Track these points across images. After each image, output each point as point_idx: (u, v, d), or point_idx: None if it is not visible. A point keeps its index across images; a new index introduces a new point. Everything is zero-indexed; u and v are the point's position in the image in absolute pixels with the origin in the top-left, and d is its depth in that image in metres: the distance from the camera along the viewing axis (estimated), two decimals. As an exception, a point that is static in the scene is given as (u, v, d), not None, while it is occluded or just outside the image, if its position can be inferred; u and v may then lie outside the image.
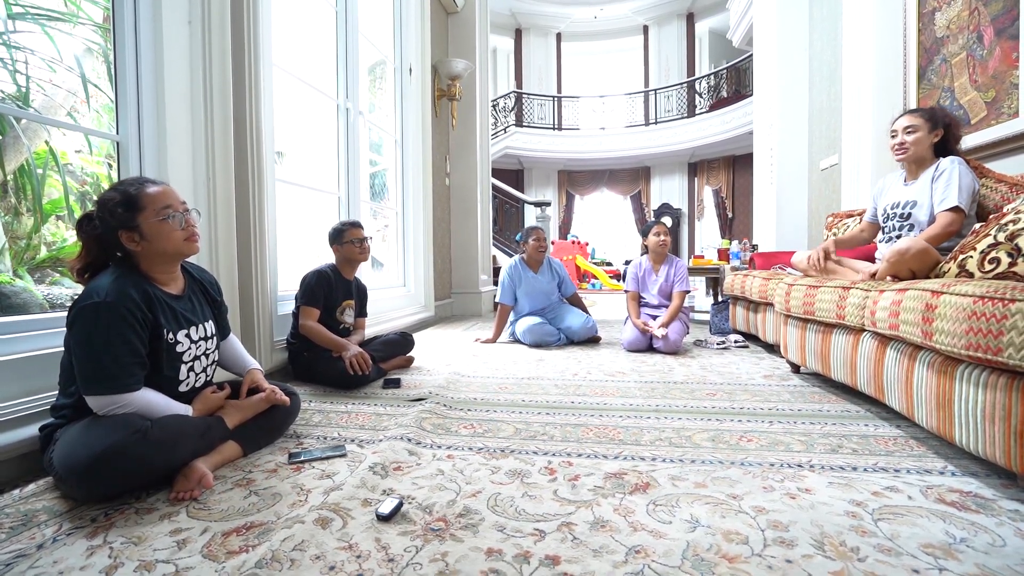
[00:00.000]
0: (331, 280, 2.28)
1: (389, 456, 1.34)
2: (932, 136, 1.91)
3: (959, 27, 2.57)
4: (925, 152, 1.92)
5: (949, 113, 1.95)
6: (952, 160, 1.85)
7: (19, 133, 1.90)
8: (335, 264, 2.38)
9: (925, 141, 1.91)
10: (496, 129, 11.16)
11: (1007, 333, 1.00)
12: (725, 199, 11.34)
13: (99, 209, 1.22)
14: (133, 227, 1.21)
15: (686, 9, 11.69)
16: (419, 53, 4.14)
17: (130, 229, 1.21)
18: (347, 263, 2.38)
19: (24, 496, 1.13)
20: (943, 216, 1.78)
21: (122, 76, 1.71)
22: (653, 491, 1.13)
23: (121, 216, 1.20)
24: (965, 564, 0.84)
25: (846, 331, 1.77)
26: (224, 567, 0.85)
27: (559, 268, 3.46)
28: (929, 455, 1.32)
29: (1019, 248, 1.23)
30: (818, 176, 4.42)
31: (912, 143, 1.92)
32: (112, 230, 1.21)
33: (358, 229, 2.36)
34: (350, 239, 2.33)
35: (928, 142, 1.91)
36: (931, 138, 1.91)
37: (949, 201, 1.78)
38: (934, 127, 1.91)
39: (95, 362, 1.12)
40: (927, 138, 1.91)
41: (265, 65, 2.21)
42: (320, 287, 2.23)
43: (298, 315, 2.22)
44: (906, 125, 1.94)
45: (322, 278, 2.25)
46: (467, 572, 0.84)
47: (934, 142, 1.92)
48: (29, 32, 1.89)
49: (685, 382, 2.19)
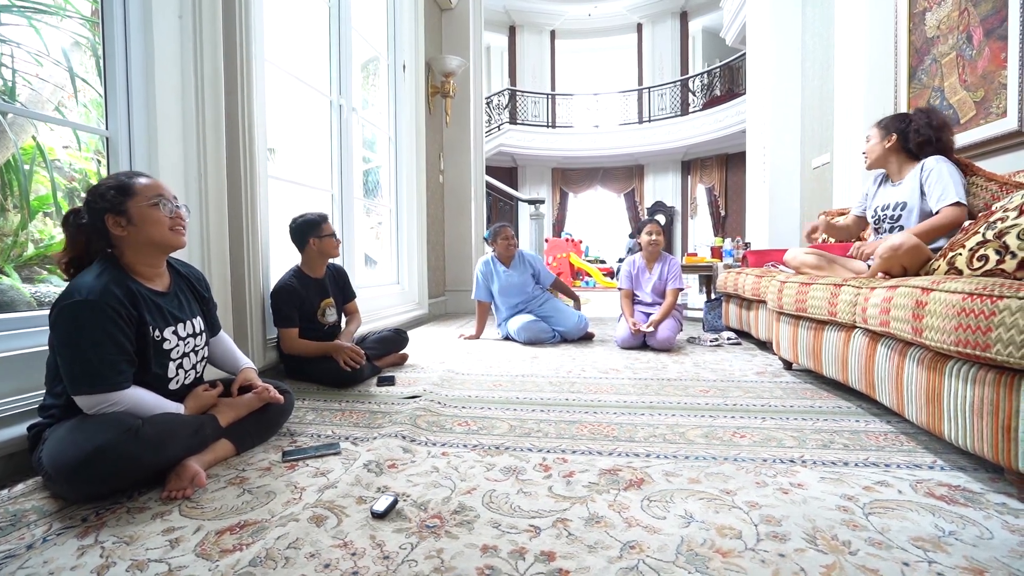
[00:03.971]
0: (298, 291, 2.16)
1: (384, 453, 1.33)
2: (885, 142, 2.01)
3: (949, 27, 2.59)
4: (880, 157, 2.04)
5: (906, 121, 2.00)
6: (937, 159, 1.88)
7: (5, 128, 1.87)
8: (300, 267, 2.24)
9: (877, 148, 2.03)
10: (490, 126, 11.13)
11: (995, 329, 1.02)
12: (718, 197, 11.40)
13: (90, 194, 1.21)
14: (121, 211, 1.20)
15: (680, 7, 11.71)
16: (413, 49, 4.12)
17: (118, 213, 1.20)
18: (320, 258, 2.24)
19: (12, 496, 1.12)
20: (947, 210, 1.79)
21: (111, 71, 1.69)
22: (647, 487, 1.13)
23: (112, 199, 1.20)
24: (954, 556, 0.85)
25: (838, 328, 1.78)
26: (218, 566, 0.85)
27: (532, 260, 3.44)
28: (919, 450, 1.34)
29: (1007, 246, 1.24)
30: (810, 174, 4.45)
31: (867, 151, 2.08)
32: (100, 214, 1.19)
33: (329, 223, 2.26)
34: (329, 232, 2.22)
35: (880, 149, 2.02)
36: (884, 144, 2.01)
37: (948, 198, 1.79)
38: (887, 134, 2.01)
39: (81, 361, 1.11)
40: (879, 145, 2.03)
41: (257, 60, 2.19)
42: (290, 304, 2.13)
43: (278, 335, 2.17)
44: (867, 135, 2.09)
45: (290, 294, 2.13)
46: (463, 569, 0.84)
47: (887, 147, 2.00)
48: (15, 25, 1.85)
49: (679, 379, 2.20)
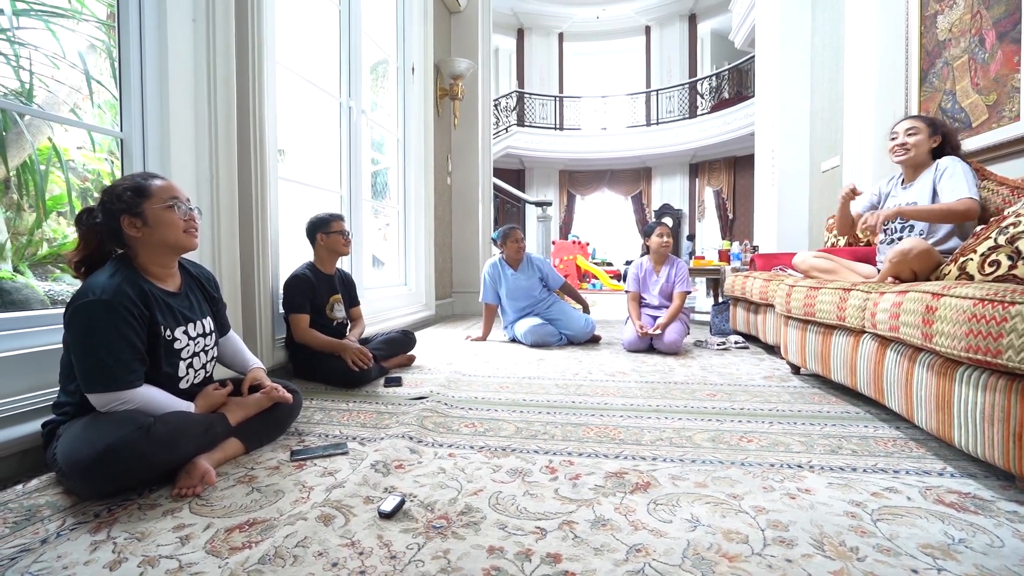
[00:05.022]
0: (312, 281, 2.23)
1: (391, 454, 1.34)
2: (931, 141, 1.95)
3: (961, 31, 2.57)
4: (923, 156, 1.96)
5: (948, 124, 1.98)
6: (952, 159, 1.88)
7: (23, 129, 1.90)
8: (313, 262, 2.32)
9: (924, 145, 1.95)
10: (498, 129, 11.15)
11: (1007, 335, 1.01)
12: (726, 200, 11.34)
13: (106, 194, 1.23)
14: (137, 212, 1.22)
15: (688, 10, 11.69)
16: (422, 52, 4.15)
17: (133, 214, 1.21)
18: (329, 255, 2.33)
19: (27, 491, 1.13)
20: (961, 201, 1.76)
21: (126, 73, 1.72)
22: (654, 490, 1.13)
23: (128, 200, 1.21)
24: (963, 564, 0.85)
25: (846, 332, 1.77)
26: (227, 563, 0.86)
27: (540, 264, 3.43)
28: (928, 456, 1.33)
29: (1019, 251, 1.23)
30: (819, 178, 4.42)
31: (913, 144, 1.95)
32: (115, 215, 1.21)
33: (342, 221, 2.34)
34: (337, 229, 2.30)
35: (927, 146, 1.95)
36: (930, 143, 1.95)
37: (961, 191, 1.77)
38: (934, 132, 1.95)
39: (94, 360, 1.12)
40: (927, 142, 1.95)
41: (269, 63, 2.22)
42: (302, 291, 2.19)
43: (288, 322, 2.21)
44: (908, 127, 1.98)
45: (302, 282, 2.20)
46: (469, 569, 0.84)
47: (932, 147, 1.96)
48: (33, 28, 1.89)
49: (685, 382, 2.19)
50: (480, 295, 3.46)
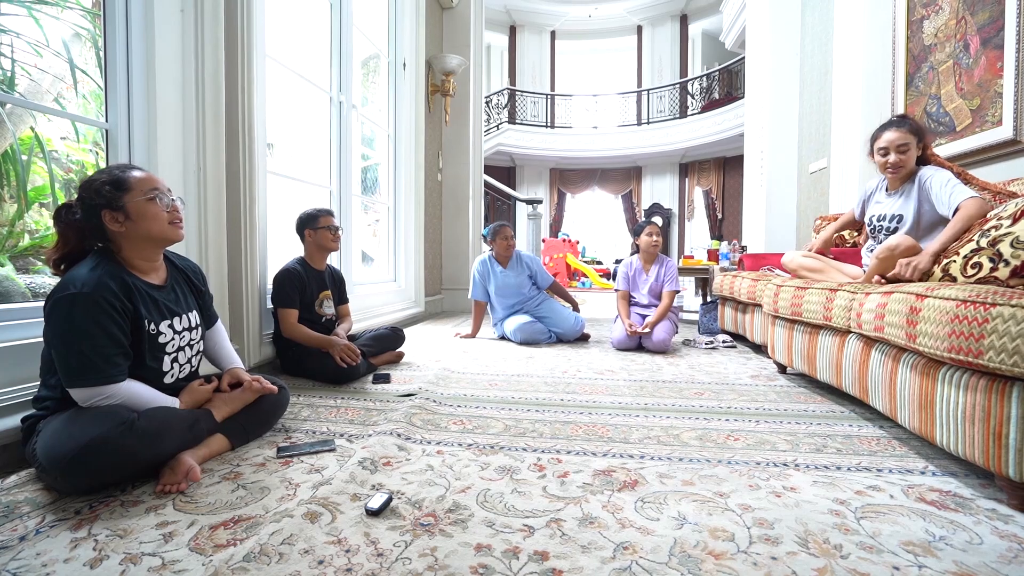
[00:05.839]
0: (302, 275, 2.23)
1: (378, 451, 1.33)
2: (918, 150, 1.95)
3: (946, 36, 2.61)
4: (912, 166, 1.96)
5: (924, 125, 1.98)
6: (933, 168, 1.90)
7: (3, 118, 1.86)
8: (303, 257, 2.32)
9: (914, 155, 1.94)
10: (489, 126, 11.12)
11: (988, 336, 1.03)
12: (715, 200, 11.43)
13: (83, 190, 1.19)
14: (118, 207, 1.19)
15: (680, 10, 11.74)
16: (413, 48, 4.12)
17: (115, 209, 1.19)
18: (318, 251, 2.32)
19: (5, 487, 1.11)
20: (969, 202, 1.67)
21: (112, 63, 1.69)
22: (641, 488, 1.14)
23: (108, 195, 1.18)
24: (944, 561, 0.86)
25: (832, 332, 1.79)
26: (211, 560, 0.85)
27: (530, 262, 3.43)
28: (911, 455, 1.35)
29: (1000, 254, 1.25)
30: (807, 179, 4.47)
31: (907, 160, 1.93)
32: (96, 210, 1.18)
33: (331, 216, 2.33)
34: (325, 225, 2.29)
35: (915, 156, 1.95)
36: (917, 152, 1.95)
37: (961, 193, 1.73)
38: (920, 140, 1.94)
39: (76, 354, 1.10)
40: (915, 152, 1.94)
41: (258, 55, 2.19)
42: (292, 286, 2.18)
43: (277, 316, 2.19)
44: (899, 143, 1.92)
45: (293, 276, 2.19)
46: (456, 567, 0.84)
47: (917, 156, 1.96)
48: (15, 15, 1.85)
49: (673, 381, 2.21)
50: (469, 292, 3.46)
